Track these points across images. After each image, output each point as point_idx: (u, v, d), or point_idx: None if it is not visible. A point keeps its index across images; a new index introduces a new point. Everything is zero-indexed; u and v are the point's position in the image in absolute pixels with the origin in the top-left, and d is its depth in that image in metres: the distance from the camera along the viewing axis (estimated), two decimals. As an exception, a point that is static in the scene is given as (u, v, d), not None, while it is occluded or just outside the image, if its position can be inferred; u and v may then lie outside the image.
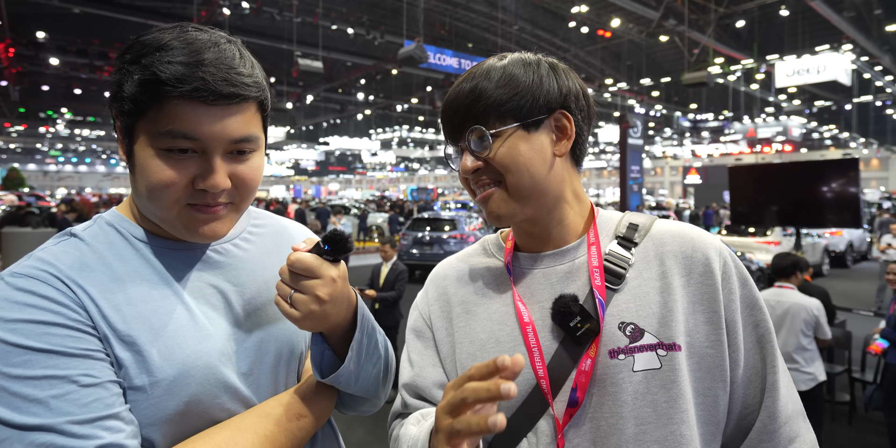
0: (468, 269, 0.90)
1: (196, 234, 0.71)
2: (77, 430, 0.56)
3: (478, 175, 0.78)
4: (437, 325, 0.87)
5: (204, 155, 0.67)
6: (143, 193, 0.68)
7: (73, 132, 43.89)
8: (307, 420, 0.74)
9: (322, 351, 0.74)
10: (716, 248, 0.79)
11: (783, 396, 0.76)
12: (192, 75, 0.63)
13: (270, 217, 0.92)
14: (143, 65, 0.64)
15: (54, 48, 18.90)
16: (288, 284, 0.69)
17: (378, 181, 73.09)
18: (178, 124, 0.64)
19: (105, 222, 0.74)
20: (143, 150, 0.66)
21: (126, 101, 0.65)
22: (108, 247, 0.70)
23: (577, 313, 0.74)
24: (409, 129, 45.39)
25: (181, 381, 0.66)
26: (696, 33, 19.43)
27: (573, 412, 0.73)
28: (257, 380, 0.75)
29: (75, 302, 0.63)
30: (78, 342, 0.61)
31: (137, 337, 0.65)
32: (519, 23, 22.40)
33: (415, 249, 10.68)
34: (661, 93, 31.04)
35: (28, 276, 0.63)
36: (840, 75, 17.44)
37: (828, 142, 42.84)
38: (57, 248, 0.68)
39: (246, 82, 0.67)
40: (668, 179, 52.23)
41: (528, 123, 0.76)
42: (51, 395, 0.57)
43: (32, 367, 0.58)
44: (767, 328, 0.78)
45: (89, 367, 0.60)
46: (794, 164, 5.80)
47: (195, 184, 0.67)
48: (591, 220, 0.85)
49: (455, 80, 6.34)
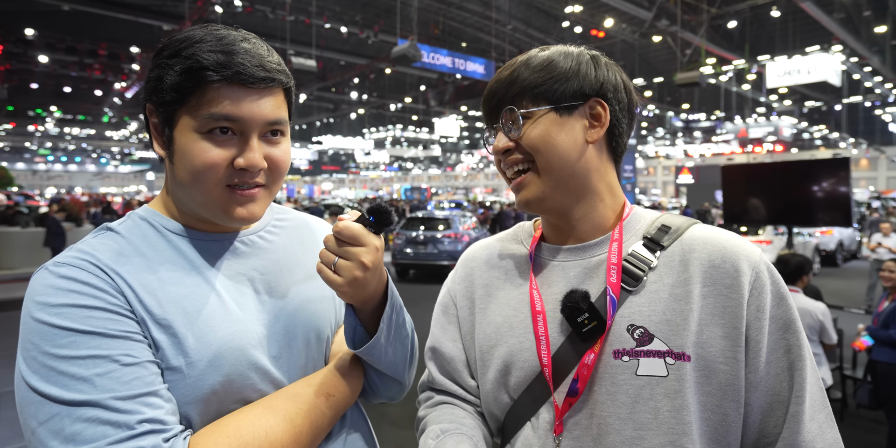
0: (497, 253, 0.92)
1: (234, 217, 0.75)
2: (120, 406, 0.60)
3: (508, 155, 0.80)
4: (461, 303, 0.91)
5: (242, 136, 0.72)
6: (184, 180, 0.72)
7: (63, 131, 43.49)
8: (336, 399, 0.78)
9: (355, 325, 0.78)
10: (750, 261, 0.73)
11: (808, 432, 0.70)
12: (231, 62, 0.70)
13: (293, 212, 0.96)
14: (183, 56, 0.70)
15: (43, 46, 18.68)
16: (333, 252, 0.71)
17: (371, 181, 72.95)
18: (220, 107, 0.70)
19: (138, 217, 0.78)
20: (185, 135, 0.71)
21: (168, 91, 0.70)
22: (141, 239, 0.75)
23: (586, 310, 0.74)
24: (402, 128, 45.34)
25: (215, 362, 0.69)
26: (688, 34, 19.53)
27: (572, 402, 0.74)
28: (287, 362, 0.78)
29: (114, 288, 0.67)
30: (118, 324, 0.65)
31: (172, 320, 0.68)
32: (512, 22, 22.40)
33: (409, 249, 10.66)
34: (653, 93, 31.20)
35: (70, 265, 0.67)
36: (830, 76, 17.59)
37: (818, 142, 43.25)
38: (95, 241, 0.73)
39: (277, 69, 0.74)
40: (661, 179, 52.51)
41: (561, 108, 0.77)
42: (95, 374, 0.61)
43: (77, 347, 0.62)
44: (801, 354, 0.72)
45: (129, 348, 0.64)
46: (786, 164, 5.84)
47: (235, 163, 0.72)
48: (620, 217, 0.83)
49: (448, 78, 6.39)
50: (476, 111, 35.51)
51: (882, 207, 18.75)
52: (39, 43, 18.64)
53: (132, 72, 22.41)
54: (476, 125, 44.62)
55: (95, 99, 31.50)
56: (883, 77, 27.34)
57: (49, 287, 0.65)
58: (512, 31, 22.40)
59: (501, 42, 22.49)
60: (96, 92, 29.17)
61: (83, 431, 0.58)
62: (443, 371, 0.91)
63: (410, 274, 11.30)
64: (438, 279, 9.62)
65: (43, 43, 18.58)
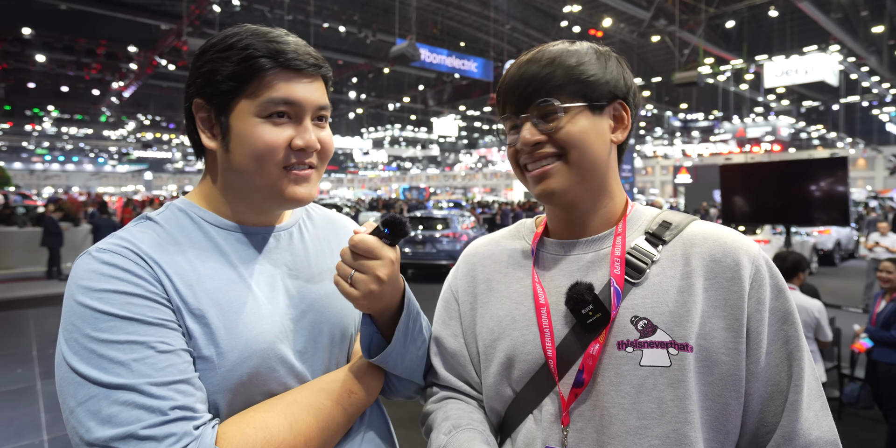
0: (498, 249, 0.94)
1: (293, 196, 0.78)
2: (155, 391, 0.62)
3: (535, 149, 0.79)
4: (463, 298, 0.92)
5: (297, 119, 0.77)
6: (243, 164, 0.76)
7: (60, 130, 43.36)
8: (358, 396, 0.80)
9: (371, 333, 0.81)
10: (750, 255, 0.76)
11: (805, 420, 0.72)
12: (285, 50, 0.76)
13: (322, 209, 1.00)
14: (239, 48, 0.74)
15: (40, 45, 18.65)
16: (349, 265, 0.74)
17: (370, 180, 72.92)
18: (278, 92, 0.75)
19: (177, 208, 0.80)
20: (244, 121, 0.75)
21: (224, 82, 0.75)
22: (179, 229, 0.77)
23: (590, 302, 0.75)
24: (401, 127, 45.32)
25: (245, 354, 0.71)
26: (686, 33, 19.56)
27: (578, 392, 0.75)
28: (311, 358, 0.80)
29: (153, 276, 0.69)
30: (155, 312, 0.67)
31: (206, 311, 0.71)
32: (511, 22, 22.41)
33: (407, 248, 10.66)
34: (651, 92, 31.23)
35: (112, 252, 0.69)
36: (827, 76, 17.63)
37: (815, 141, 43.33)
38: (136, 229, 0.75)
39: (321, 58, 0.80)
40: (659, 179, 52.58)
41: (594, 106, 0.79)
42: (132, 359, 0.63)
43: (116, 332, 0.64)
44: (798, 345, 0.74)
45: (165, 336, 0.66)
46: (784, 163, 5.84)
47: (293, 145, 0.76)
48: (623, 213, 0.85)
49: (447, 78, 6.30)
50: (474, 111, 35.51)
51: (879, 207, 18.79)
52: (36, 42, 18.60)
53: (130, 71, 22.35)
54: (475, 125, 44.61)
55: (93, 98, 31.43)
56: (880, 77, 27.40)
57: (92, 272, 0.67)
58: (510, 31, 22.41)
59: (500, 42, 22.49)
60: (94, 91, 29.11)
61: (119, 414, 0.60)
62: (447, 366, 0.91)
63: (409, 273, 11.31)
64: (437, 279, 9.61)
65: (40, 42, 18.53)
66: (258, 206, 0.81)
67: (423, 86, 26.95)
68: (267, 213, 0.83)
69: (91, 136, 47.83)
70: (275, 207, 0.82)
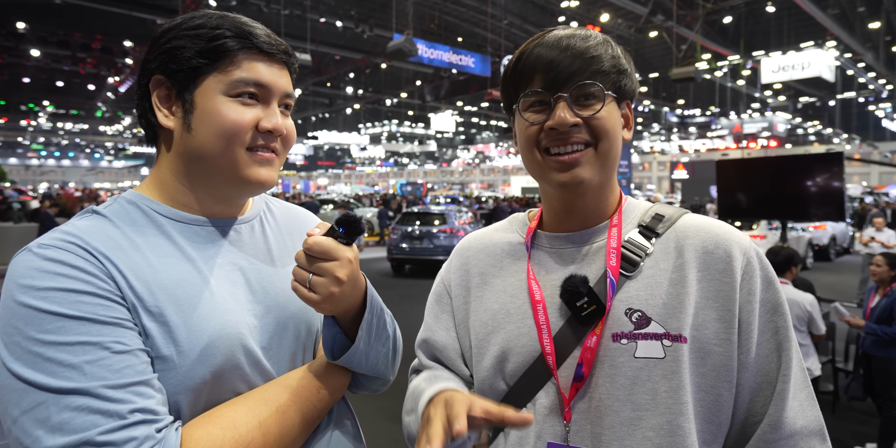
0: (492, 242, 0.93)
1: (255, 178, 0.76)
2: (111, 395, 0.58)
3: (571, 132, 0.75)
4: (456, 292, 0.91)
5: (265, 102, 0.76)
6: (206, 143, 0.73)
7: (56, 125, 43.11)
8: (325, 393, 0.78)
9: (334, 334, 0.77)
10: (741, 246, 0.76)
11: (791, 409, 0.73)
12: (258, 34, 0.76)
13: (283, 203, 0.97)
14: (211, 27, 0.74)
15: (35, 39, 18.49)
16: (305, 269, 0.70)
17: (367, 176, 72.77)
18: (249, 72, 0.74)
19: (126, 201, 0.76)
20: (211, 98, 0.73)
21: (193, 58, 0.73)
22: (129, 223, 0.73)
23: (585, 294, 0.75)
24: (398, 123, 45.18)
25: (207, 351, 0.68)
26: (683, 29, 19.53)
27: (579, 386, 0.75)
28: (276, 354, 0.77)
29: (104, 272, 0.65)
30: (109, 310, 0.63)
31: (164, 308, 0.67)
32: (508, 17, 22.33)
33: (404, 244, 10.66)
34: (649, 88, 31.20)
35: (56, 248, 0.64)
36: (824, 72, 17.65)
37: (812, 137, 43.41)
38: (81, 223, 0.71)
39: (290, 47, 0.80)
40: (656, 174, 52.63)
41: (620, 100, 0.80)
42: (84, 361, 0.59)
43: (66, 333, 0.59)
44: (787, 336, 0.75)
45: (120, 335, 0.62)
46: (780, 159, 5.85)
47: (260, 126, 0.75)
48: (618, 206, 0.86)
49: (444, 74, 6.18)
50: (472, 107, 35.41)
51: (874, 202, 18.87)
52: (31, 36, 18.45)
53: (125, 66, 22.21)
54: (472, 121, 44.52)
55: (88, 93, 31.22)
56: (876, 73, 27.44)
57: (35, 270, 0.62)
58: (508, 27, 22.35)
59: (497, 37, 22.42)
60: (89, 86, 28.90)
61: (72, 420, 0.56)
62: (434, 360, 0.91)
63: (406, 269, 11.31)
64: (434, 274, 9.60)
65: (35, 36, 18.39)
66: (218, 193, 0.78)
67: (421, 81, 26.86)
68: (227, 202, 0.80)
69: (87, 132, 47.58)
70: (236, 192, 0.79)
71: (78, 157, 62.17)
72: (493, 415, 0.64)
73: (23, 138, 50.66)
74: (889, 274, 3.68)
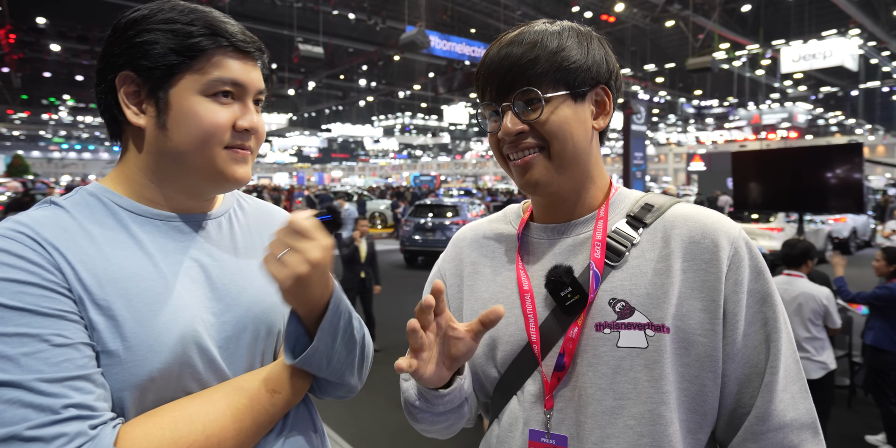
0: (485, 233, 0.94)
1: (234, 176, 0.76)
2: (46, 388, 0.57)
3: (518, 139, 0.78)
4: (450, 282, 0.93)
5: (240, 100, 0.76)
6: (182, 142, 0.72)
7: (76, 119, 43.78)
8: (281, 397, 0.75)
9: (298, 334, 0.74)
10: (729, 236, 0.75)
11: (780, 401, 0.73)
12: (233, 32, 0.75)
13: (255, 200, 0.95)
14: (184, 23, 0.72)
15: (55, 34, 18.76)
16: (282, 242, 0.69)
17: (381, 168, 72.92)
18: (227, 71, 0.73)
19: (87, 193, 0.75)
20: (187, 98, 0.72)
21: (167, 55, 0.71)
22: (87, 214, 0.71)
23: (569, 284, 0.76)
24: (411, 115, 45.16)
25: (155, 347, 0.66)
26: (700, 18, 19.17)
27: (560, 376, 0.77)
28: (233, 354, 0.75)
29: (51, 263, 0.63)
30: (52, 302, 0.61)
31: (112, 302, 0.65)
32: (522, 8, 22.10)
33: (417, 236, 10.71)
34: (665, 79, 30.74)
35: (4, 237, 0.63)
36: (847, 61, 17.21)
37: (833, 128, 42.49)
38: (36, 213, 0.70)
39: (261, 43, 0.80)
40: (672, 166, 51.97)
41: (577, 93, 0.77)
42: (21, 353, 0.57)
43: (4, 324, 0.58)
44: (777, 327, 0.74)
45: (62, 328, 0.61)
46: (797, 150, 5.75)
47: (237, 126, 0.75)
48: (606, 197, 0.86)
49: (457, 65, 6.15)
50: (485, 98, 35.18)
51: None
52: (51, 31, 18.72)
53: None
54: (485, 112, 44.23)
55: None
56: (902, 61, 26.72)
57: None
58: (521, 17, 22.10)
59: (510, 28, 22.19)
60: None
61: (1, 414, 0.55)
62: None
63: (419, 261, 11.36)
64: (447, 266, 9.64)
65: (54, 31, 18.66)
66: (190, 190, 0.77)
67: (434, 73, 26.76)
68: (197, 198, 0.79)
69: (105, 126, 48.17)
70: (211, 189, 0.78)
71: (98, 150, 63.14)
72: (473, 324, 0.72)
73: (45, 132, 51.55)
74: (888, 268, 3.64)
